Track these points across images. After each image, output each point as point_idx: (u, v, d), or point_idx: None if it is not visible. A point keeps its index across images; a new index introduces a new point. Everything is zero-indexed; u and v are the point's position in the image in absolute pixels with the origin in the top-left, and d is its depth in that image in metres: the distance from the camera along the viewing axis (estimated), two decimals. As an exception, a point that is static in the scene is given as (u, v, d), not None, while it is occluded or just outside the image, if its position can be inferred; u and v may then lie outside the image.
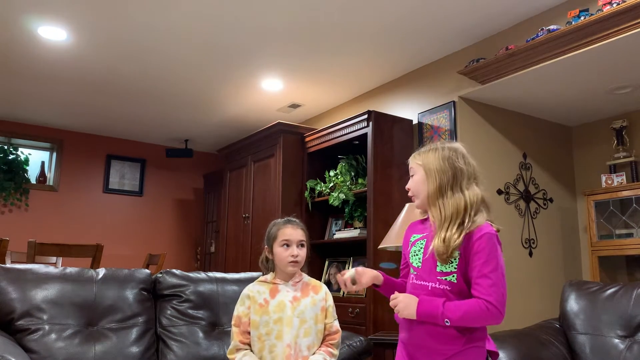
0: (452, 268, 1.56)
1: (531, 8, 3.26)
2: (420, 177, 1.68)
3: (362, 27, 3.51)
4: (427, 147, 1.73)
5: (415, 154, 1.75)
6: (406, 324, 1.63)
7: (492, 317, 1.49)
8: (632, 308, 2.20)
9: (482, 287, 1.50)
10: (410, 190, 1.72)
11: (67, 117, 5.56)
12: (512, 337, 2.26)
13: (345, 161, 4.22)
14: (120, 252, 5.91)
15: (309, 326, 1.88)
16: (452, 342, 1.54)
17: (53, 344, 1.97)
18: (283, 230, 1.94)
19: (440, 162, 1.65)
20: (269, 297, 1.91)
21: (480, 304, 1.48)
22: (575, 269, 4.14)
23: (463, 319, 1.50)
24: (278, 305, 1.88)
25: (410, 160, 1.75)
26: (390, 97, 4.36)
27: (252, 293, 1.93)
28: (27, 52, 3.92)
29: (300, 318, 1.87)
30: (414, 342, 1.61)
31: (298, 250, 1.92)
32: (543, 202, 4.07)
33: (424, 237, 1.66)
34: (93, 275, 2.24)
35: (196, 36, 3.65)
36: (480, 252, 1.52)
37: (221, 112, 5.29)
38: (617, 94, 3.64)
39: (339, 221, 4.37)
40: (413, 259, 1.66)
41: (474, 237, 1.54)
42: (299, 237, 1.94)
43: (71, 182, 5.94)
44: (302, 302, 1.91)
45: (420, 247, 1.65)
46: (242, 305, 1.92)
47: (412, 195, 1.72)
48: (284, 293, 1.92)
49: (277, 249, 1.93)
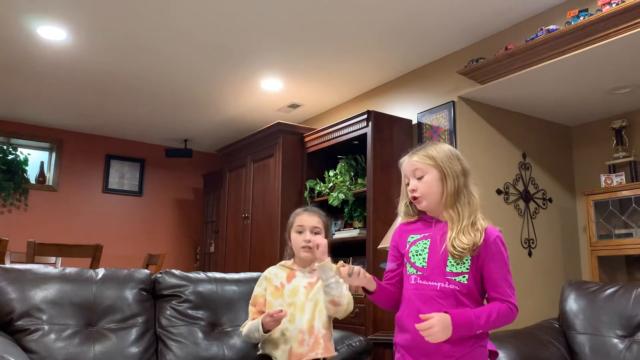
0: (464, 269, 1.55)
1: (530, 8, 3.26)
2: (433, 178, 1.62)
3: (362, 27, 3.51)
4: (430, 147, 1.67)
5: (420, 154, 1.66)
6: (411, 327, 1.57)
7: (514, 318, 1.56)
8: (632, 308, 2.20)
9: (504, 289, 1.55)
10: (418, 191, 1.63)
11: (67, 117, 5.56)
12: (511, 337, 2.26)
13: (344, 161, 4.22)
14: (120, 252, 5.90)
15: (321, 305, 1.94)
16: (463, 344, 1.53)
17: (52, 344, 1.97)
18: (299, 217, 2.01)
19: (455, 162, 1.65)
20: (285, 282, 1.98)
21: (508, 307, 1.54)
22: (575, 269, 4.14)
23: (495, 324, 1.53)
24: (292, 290, 1.95)
25: (414, 160, 1.66)
26: (390, 97, 4.36)
27: (270, 275, 2.02)
28: (27, 52, 3.92)
29: (313, 300, 1.94)
30: (422, 347, 1.55)
31: (311, 236, 1.94)
32: (542, 202, 4.07)
33: (426, 237, 1.63)
34: (92, 276, 2.23)
35: (196, 36, 3.65)
36: (497, 254, 1.57)
37: (221, 112, 5.29)
38: (617, 94, 3.64)
39: (339, 221, 4.37)
40: (416, 259, 1.62)
41: (489, 239, 1.56)
42: (313, 224, 1.98)
43: (70, 182, 5.94)
44: (316, 286, 1.96)
45: (424, 246, 1.62)
46: (259, 286, 2.03)
47: (418, 197, 1.63)
48: (300, 279, 1.98)
49: (293, 234, 2.00)
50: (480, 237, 1.54)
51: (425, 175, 1.63)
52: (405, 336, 1.61)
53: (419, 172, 1.64)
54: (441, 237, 1.60)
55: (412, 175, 1.66)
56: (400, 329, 1.64)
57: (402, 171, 1.72)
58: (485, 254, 1.55)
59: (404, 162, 1.70)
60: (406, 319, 1.61)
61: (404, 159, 1.71)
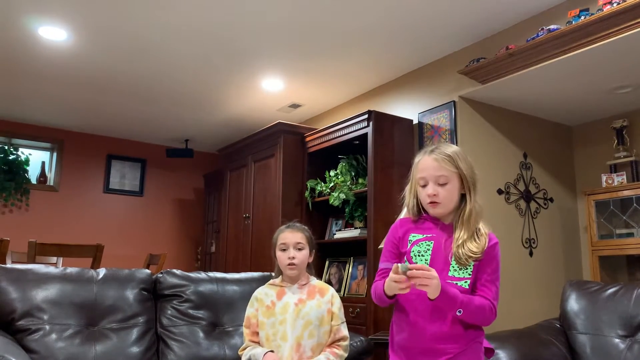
0: (467, 274, 1.56)
1: (531, 8, 3.26)
2: (454, 187, 1.59)
3: (363, 27, 3.50)
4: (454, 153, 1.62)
5: (446, 159, 1.59)
6: (407, 327, 1.58)
7: (491, 320, 1.56)
8: (633, 308, 2.20)
9: (491, 291, 1.56)
10: (440, 197, 1.58)
11: (68, 117, 5.56)
12: (512, 336, 2.26)
13: (345, 161, 4.22)
14: (121, 252, 5.91)
15: (313, 327, 1.90)
16: (458, 341, 1.54)
17: (53, 344, 1.97)
18: (282, 234, 2.00)
19: (474, 173, 1.64)
20: (275, 299, 1.96)
21: (489, 305, 1.54)
22: (576, 269, 4.14)
23: (473, 314, 1.52)
24: (283, 307, 1.93)
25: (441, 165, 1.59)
26: (391, 97, 4.36)
27: (260, 295, 2.00)
28: (28, 52, 3.92)
29: (305, 320, 1.90)
30: (419, 345, 1.56)
31: (295, 253, 1.94)
32: (543, 201, 4.06)
33: (429, 238, 1.61)
34: (93, 276, 2.24)
35: (197, 36, 3.65)
36: (494, 259, 1.60)
37: (222, 112, 5.29)
38: (618, 94, 3.64)
39: (339, 221, 4.37)
40: (417, 259, 1.59)
41: (489, 244, 1.59)
42: (296, 240, 1.97)
43: (71, 182, 5.94)
44: (308, 304, 1.94)
45: (427, 248, 1.60)
46: (251, 307, 2.01)
47: (438, 203, 1.59)
48: (290, 295, 1.96)
49: (278, 252, 1.99)
50: (485, 243, 1.57)
51: (449, 183, 1.59)
52: (402, 336, 1.61)
53: (443, 178, 1.59)
54: (446, 240, 1.59)
55: (434, 179, 1.59)
56: (398, 329, 1.64)
57: (418, 170, 1.64)
58: (485, 259, 1.57)
59: (426, 163, 1.62)
60: (404, 320, 1.61)
61: (425, 159, 1.63)
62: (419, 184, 1.63)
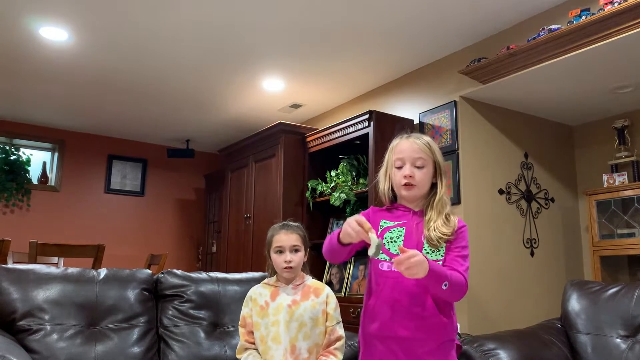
0: (440, 256, 1.59)
1: (532, 7, 3.25)
2: (429, 171, 1.66)
3: (363, 27, 3.50)
4: (430, 140, 1.70)
5: (424, 144, 1.66)
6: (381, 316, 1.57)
7: (464, 293, 1.56)
8: (634, 308, 2.20)
9: (462, 265, 1.57)
10: (416, 179, 1.63)
11: (69, 118, 5.57)
12: (513, 336, 2.26)
13: (346, 161, 4.22)
14: (122, 253, 5.91)
15: (308, 329, 1.87)
16: (441, 332, 1.56)
17: (55, 344, 1.97)
18: (277, 236, 1.95)
19: (443, 163, 1.73)
20: (269, 300, 1.92)
21: (462, 278, 1.55)
22: (577, 269, 4.14)
23: (455, 286, 1.51)
24: (277, 308, 1.89)
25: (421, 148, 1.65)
26: (392, 97, 4.36)
27: (255, 295, 1.97)
28: (29, 52, 3.93)
29: (299, 321, 1.87)
30: (397, 335, 1.55)
31: (291, 256, 1.91)
32: (544, 201, 4.06)
33: (401, 224, 1.64)
34: (94, 276, 2.24)
35: (198, 36, 3.65)
36: (462, 239, 1.62)
37: (222, 112, 5.29)
38: (619, 94, 3.64)
39: (340, 221, 4.37)
40: (390, 245, 1.61)
41: (458, 226, 1.64)
42: (292, 242, 1.92)
43: (73, 182, 5.95)
44: (302, 305, 1.90)
45: (399, 234, 1.62)
46: (245, 307, 1.97)
47: (414, 184, 1.63)
48: (284, 296, 1.92)
49: (273, 255, 1.94)
50: (455, 225, 1.62)
51: (425, 167, 1.65)
52: (375, 325, 1.60)
53: (420, 161, 1.65)
54: (417, 224, 1.63)
55: (412, 161, 1.64)
56: (370, 319, 1.63)
57: (395, 152, 1.69)
58: (455, 238, 1.61)
59: (405, 146, 1.67)
60: (379, 308, 1.60)
61: (403, 142, 1.68)
62: (395, 166, 1.67)
